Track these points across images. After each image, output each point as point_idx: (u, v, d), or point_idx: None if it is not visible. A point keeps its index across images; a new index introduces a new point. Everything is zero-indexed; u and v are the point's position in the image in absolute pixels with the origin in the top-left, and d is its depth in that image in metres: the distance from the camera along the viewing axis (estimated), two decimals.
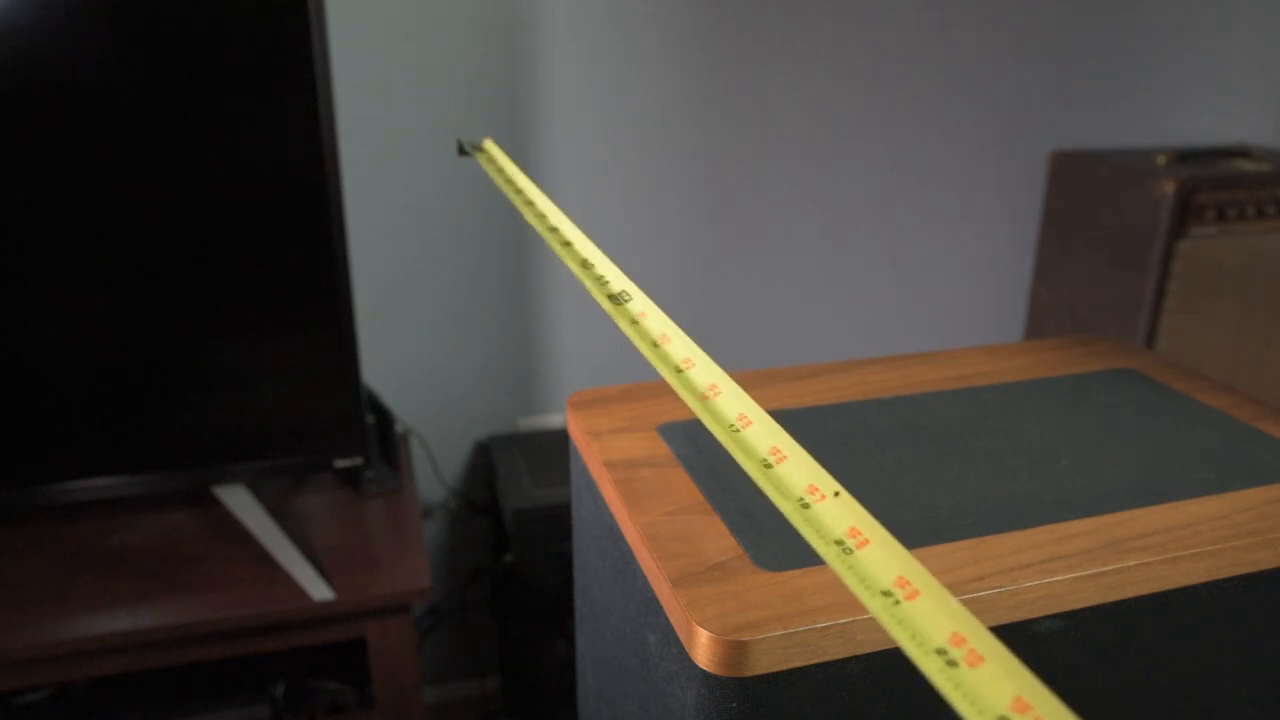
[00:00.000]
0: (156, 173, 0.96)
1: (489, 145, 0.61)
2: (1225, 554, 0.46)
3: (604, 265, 0.49)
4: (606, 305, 0.46)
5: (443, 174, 1.31)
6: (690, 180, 1.41)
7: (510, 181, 0.57)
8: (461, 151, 0.62)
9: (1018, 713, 0.25)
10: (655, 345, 0.43)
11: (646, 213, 1.41)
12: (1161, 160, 1.45)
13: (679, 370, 0.42)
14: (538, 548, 1.22)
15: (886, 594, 0.30)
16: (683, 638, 0.41)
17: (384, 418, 1.25)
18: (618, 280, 0.48)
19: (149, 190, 0.97)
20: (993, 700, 0.26)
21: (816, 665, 0.41)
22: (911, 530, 0.47)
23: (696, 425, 0.59)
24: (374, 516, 1.13)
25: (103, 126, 0.94)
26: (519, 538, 1.21)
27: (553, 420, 1.48)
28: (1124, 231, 1.40)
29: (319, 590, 0.98)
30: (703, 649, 0.40)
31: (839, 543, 0.32)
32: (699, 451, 0.55)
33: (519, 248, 1.37)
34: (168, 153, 0.96)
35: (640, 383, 0.64)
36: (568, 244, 0.51)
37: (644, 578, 0.47)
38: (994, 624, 0.43)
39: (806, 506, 0.34)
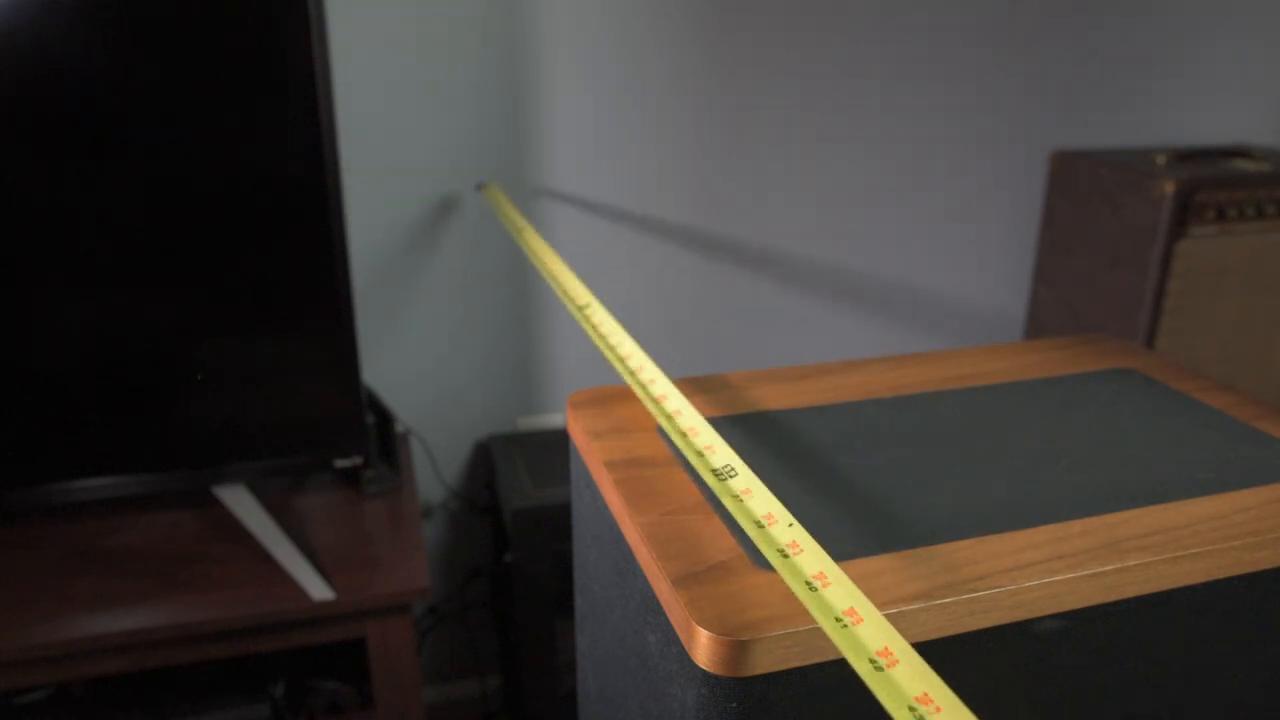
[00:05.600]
0: (157, 173, 0.96)
1: (493, 188, 0.62)
2: (1225, 554, 0.46)
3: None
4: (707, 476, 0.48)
5: (443, 173, 1.31)
6: (688, 181, 1.41)
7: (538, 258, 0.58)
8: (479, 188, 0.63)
9: None
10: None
11: (645, 212, 1.41)
12: (1161, 160, 1.45)
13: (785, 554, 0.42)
14: (538, 548, 1.22)
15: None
16: (683, 638, 0.41)
17: (384, 418, 1.25)
18: (722, 453, 0.49)
19: (150, 190, 0.97)
20: None
21: (816, 665, 0.41)
22: (911, 530, 0.47)
23: None
24: (374, 516, 1.13)
25: (101, 126, 0.94)
26: (519, 538, 1.21)
27: (553, 420, 1.48)
28: (1124, 231, 1.40)
29: (319, 590, 0.98)
30: (703, 649, 0.40)
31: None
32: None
33: (519, 248, 1.37)
34: (167, 152, 0.96)
35: None
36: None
37: (644, 577, 0.47)
38: (994, 624, 0.43)
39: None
